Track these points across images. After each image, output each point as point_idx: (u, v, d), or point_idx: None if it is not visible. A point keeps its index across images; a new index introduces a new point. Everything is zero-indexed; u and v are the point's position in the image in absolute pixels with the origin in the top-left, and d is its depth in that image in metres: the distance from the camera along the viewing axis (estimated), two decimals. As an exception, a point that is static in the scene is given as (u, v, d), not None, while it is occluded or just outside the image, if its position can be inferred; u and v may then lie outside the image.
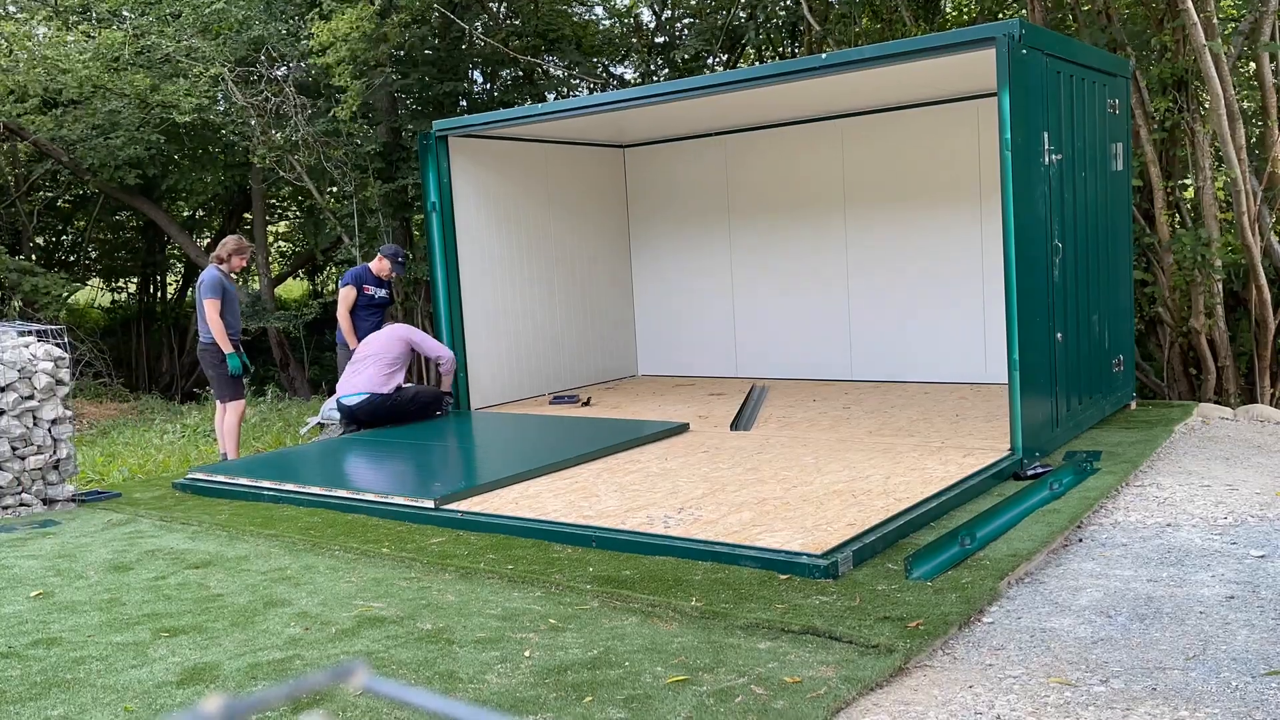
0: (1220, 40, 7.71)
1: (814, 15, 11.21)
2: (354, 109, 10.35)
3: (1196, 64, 7.70)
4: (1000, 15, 10.88)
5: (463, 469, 6.16)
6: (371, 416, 7.10)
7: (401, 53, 11.94)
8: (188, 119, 10.60)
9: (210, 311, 6.98)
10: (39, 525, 5.64)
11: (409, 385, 7.44)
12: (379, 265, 7.84)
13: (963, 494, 4.89)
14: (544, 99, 12.94)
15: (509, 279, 8.30)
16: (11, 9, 11.71)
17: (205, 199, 14.57)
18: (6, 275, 10.92)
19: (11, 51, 10.83)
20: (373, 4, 9.97)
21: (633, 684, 3.13)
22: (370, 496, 5.53)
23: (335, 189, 11.80)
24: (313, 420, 7.73)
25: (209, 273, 7.10)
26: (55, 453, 6.05)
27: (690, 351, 9.48)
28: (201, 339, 7.14)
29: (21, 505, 5.94)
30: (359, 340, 7.50)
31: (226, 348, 7.00)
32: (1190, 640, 3.33)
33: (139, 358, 14.41)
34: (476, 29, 12.26)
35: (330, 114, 10.78)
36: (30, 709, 3.23)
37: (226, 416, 7.15)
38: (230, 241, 7.24)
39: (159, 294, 15.58)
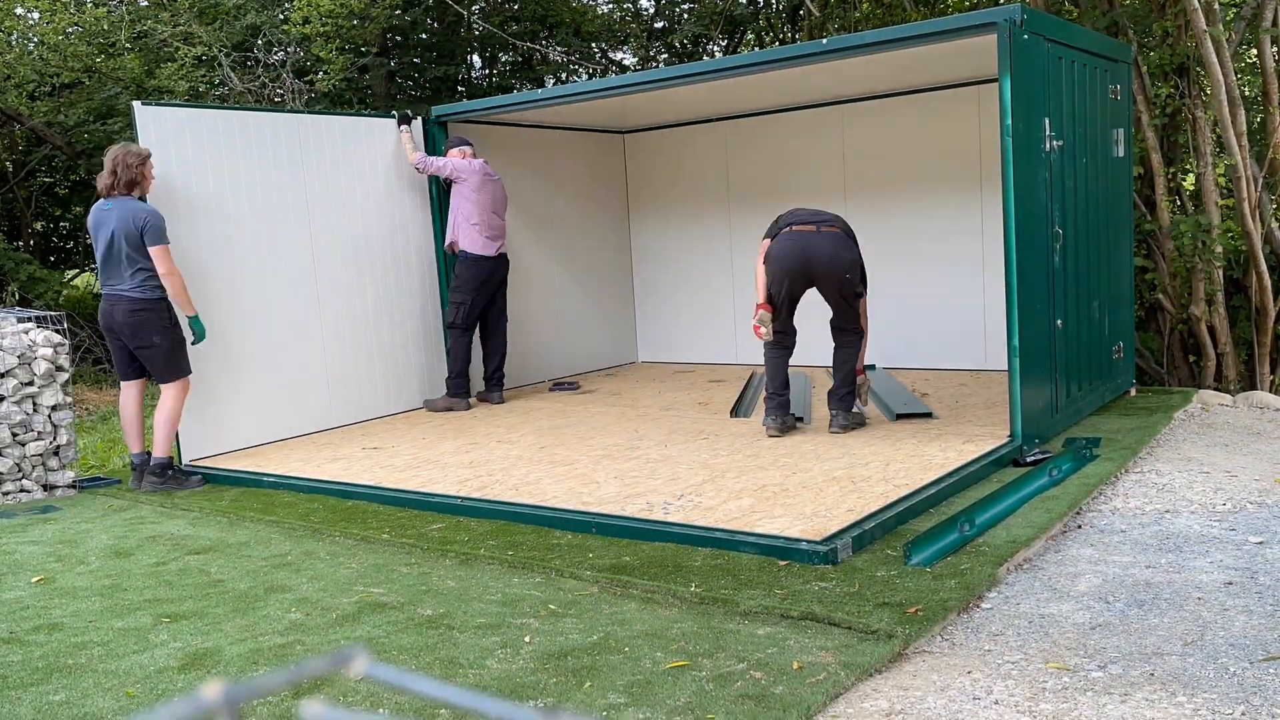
0: (1221, 26, 7.68)
1: (814, 1, 11.18)
2: (335, 82, 10.34)
3: (1198, 50, 7.67)
4: (1001, 0, 10.84)
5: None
6: None
7: (399, 36, 11.90)
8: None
9: (166, 260, 5.71)
10: (40, 511, 5.65)
11: None
12: None
13: (962, 480, 4.90)
14: (543, 84, 12.91)
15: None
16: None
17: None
18: (6, 261, 10.91)
19: (10, 35, 10.79)
20: None
21: (633, 669, 3.14)
22: (369, 481, 5.54)
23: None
24: None
25: (145, 210, 5.71)
26: (55, 439, 6.05)
27: (690, 338, 9.47)
28: (139, 295, 5.72)
29: (22, 491, 5.95)
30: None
31: (190, 309, 5.88)
32: (1188, 626, 3.34)
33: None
34: (474, 13, 12.22)
35: (314, 88, 10.77)
36: (32, 694, 3.24)
37: (170, 400, 5.92)
38: (133, 150, 5.79)
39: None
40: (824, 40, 5.95)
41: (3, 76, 10.65)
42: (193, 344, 6.07)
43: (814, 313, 8.80)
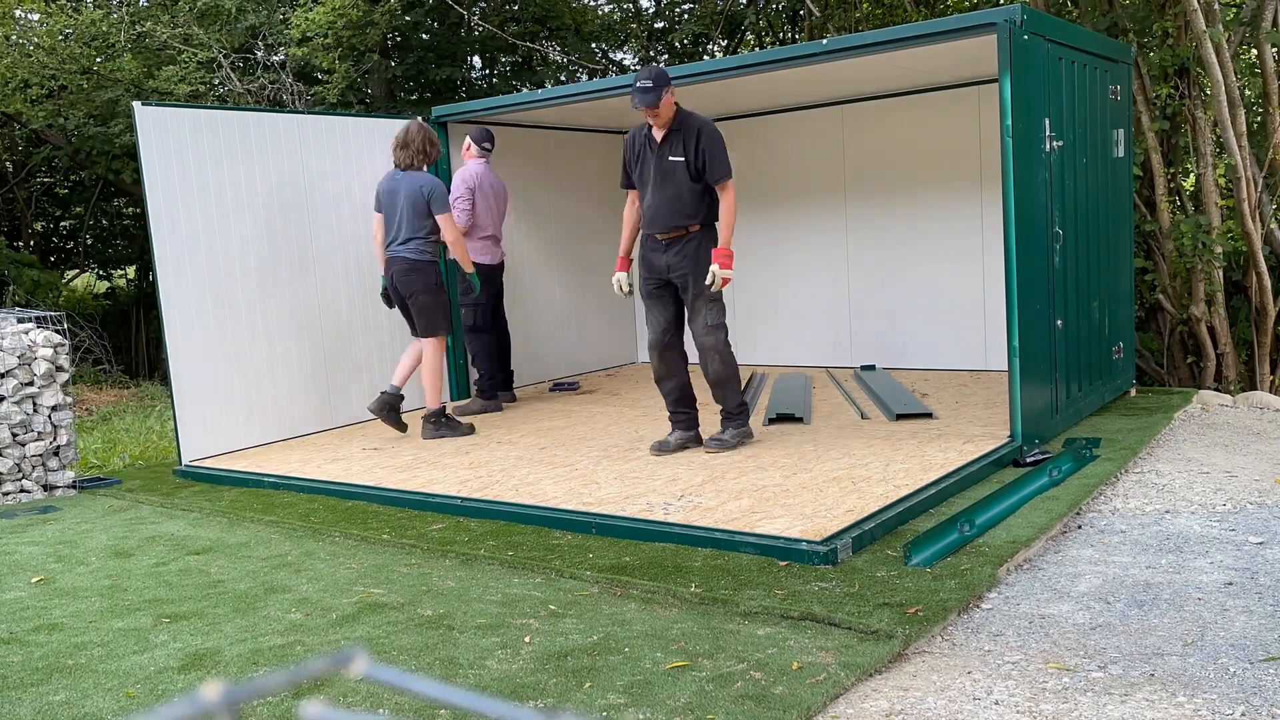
0: (1221, 27, 7.68)
1: (814, 1, 11.19)
2: (340, 90, 10.35)
3: (1198, 50, 7.67)
4: (1001, 0, 10.84)
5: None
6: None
7: (398, 36, 11.91)
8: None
9: (452, 227, 6.42)
10: (40, 511, 5.65)
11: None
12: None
13: (962, 481, 4.90)
14: (543, 85, 12.91)
15: (508, 265, 8.28)
16: None
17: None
18: (7, 267, 10.92)
19: (9, 38, 10.79)
20: None
21: (633, 669, 3.14)
22: (369, 482, 5.54)
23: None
24: None
25: (430, 180, 6.37)
26: (56, 439, 6.06)
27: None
28: (413, 257, 6.38)
29: (22, 492, 5.95)
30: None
31: (470, 266, 6.66)
32: (1188, 626, 3.34)
33: (138, 344, 14.42)
34: (474, 14, 12.22)
35: (320, 98, 10.78)
36: (32, 694, 3.24)
37: (431, 355, 6.59)
38: (414, 127, 6.50)
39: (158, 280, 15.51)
40: (824, 40, 5.95)
41: (3, 80, 10.65)
42: (474, 299, 7.06)
43: (809, 313, 8.82)
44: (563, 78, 13.12)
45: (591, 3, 14.09)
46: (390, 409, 6.50)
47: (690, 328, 5.78)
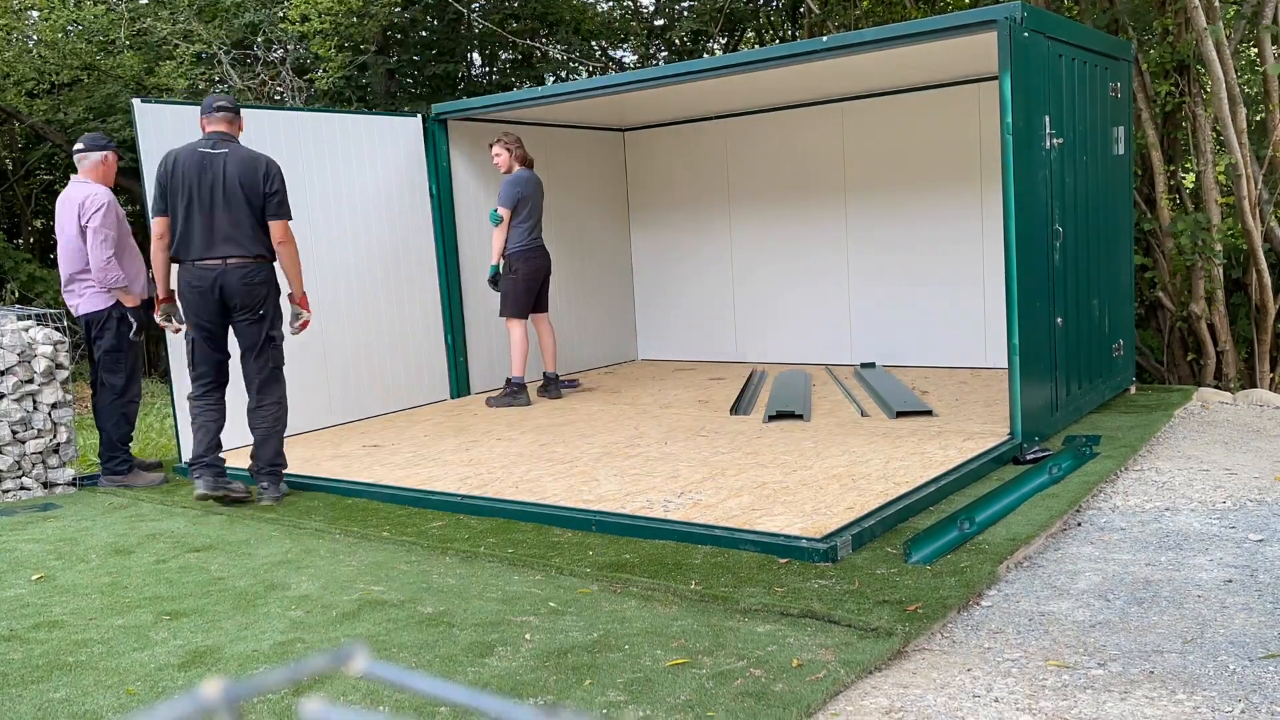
0: (1221, 24, 7.68)
1: (814, -2, 11.18)
2: (334, 79, 10.34)
3: (1198, 47, 7.67)
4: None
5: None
6: None
7: (399, 34, 11.90)
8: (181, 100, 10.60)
9: (500, 230, 7.30)
10: (40, 509, 5.65)
11: None
12: None
13: (962, 478, 4.90)
14: (542, 82, 12.91)
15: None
16: None
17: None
18: (5, 259, 10.91)
19: (9, 33, 10.79)
20: None
21: (633, 667, 3.14)
22: (369, 479, 5.54)
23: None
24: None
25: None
26: (55, 437, 6.06)
27: (690, 336, 9.48)
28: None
29: (22, 489, 5.95)
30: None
31: (495, 258, 7.38)
32: (1188, 624, 3.34)
33: (138, 342, 14.40)
34: (474, 10, 12.21)
35: (314, 86, 10.78)
36: (32, 691, 3.25)
37: (514, 334, 7.51)
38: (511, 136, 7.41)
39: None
40: (824, 38, 5.95)
41: (1, 74, 10.65)
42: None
43: (809, 310, 8.82)
44: (562, 75, 13.12)
45: (590, 0, 14.08)
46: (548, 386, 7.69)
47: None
